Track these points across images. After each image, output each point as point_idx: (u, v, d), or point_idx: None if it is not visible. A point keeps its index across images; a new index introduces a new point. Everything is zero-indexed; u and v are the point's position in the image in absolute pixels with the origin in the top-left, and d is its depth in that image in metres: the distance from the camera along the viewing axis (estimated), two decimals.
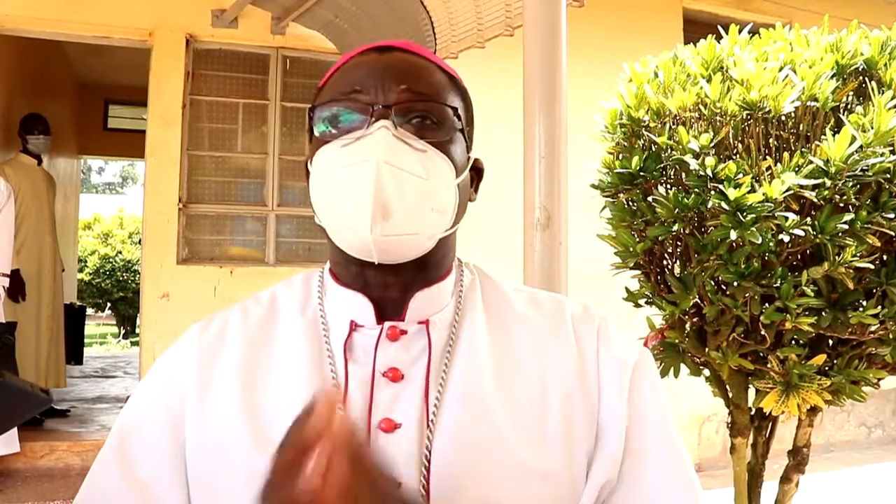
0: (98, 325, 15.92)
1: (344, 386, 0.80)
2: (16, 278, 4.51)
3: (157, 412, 0.84)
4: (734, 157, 2.18)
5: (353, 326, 0.83)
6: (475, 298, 0.89)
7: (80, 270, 12.82)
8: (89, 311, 12.56)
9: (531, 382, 0.82)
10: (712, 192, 2.08)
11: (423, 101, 0.81)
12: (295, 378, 0.81)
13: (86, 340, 9.35)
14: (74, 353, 7.52)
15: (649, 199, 2.29)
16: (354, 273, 0.84)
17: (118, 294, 13.96)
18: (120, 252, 14.14)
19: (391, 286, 0.83)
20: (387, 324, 0.82)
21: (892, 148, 2.00)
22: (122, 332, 14.32)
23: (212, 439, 0.80)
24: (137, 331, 10.49)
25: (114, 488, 0.81)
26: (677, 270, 2.36)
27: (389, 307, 0.84)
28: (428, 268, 0.84)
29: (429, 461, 0.75)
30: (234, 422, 0.80)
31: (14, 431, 4.17)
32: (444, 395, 0.79)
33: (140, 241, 6.98)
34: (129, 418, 0.85)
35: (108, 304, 14.51)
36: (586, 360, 0.84)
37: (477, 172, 0.91)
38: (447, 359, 0.81)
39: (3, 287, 4.27)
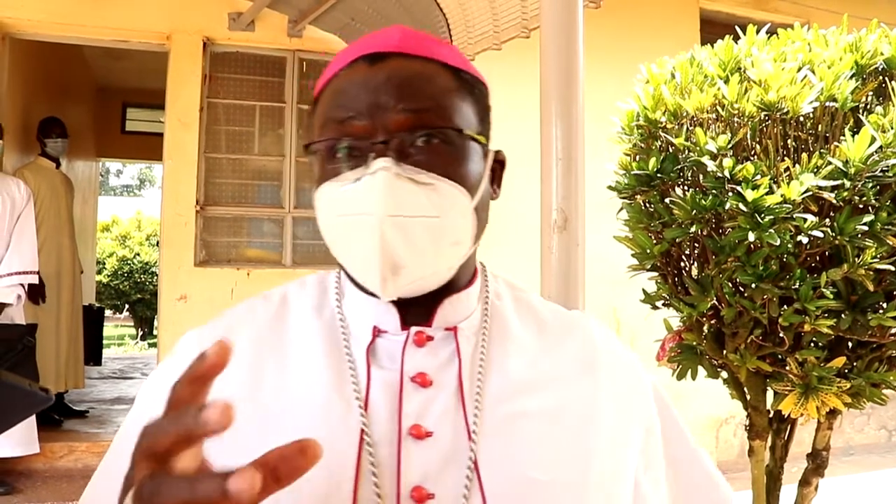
0: (116, 326, 16.05)
1: (365, 392, 0.76)
2: None
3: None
4: (752, 159, 2.17)
5: (377, 332, 0.80)
6: (504, 305, 0.86)
7: (99, 272, 12.93)
8: (107, 312, 12.67)
9: (574, 397, 0.81)
10: (730, 194, 2.07)
11: (426, 123, 0.74)
12: (311, 383, 0.77)
13: (104, 342, 9.43)
14: (93, 354, 7.58)
15: (666, 200, 2.29)
16: None
17: (136, 296, 14.08)
18: (138, 254, 14.25)
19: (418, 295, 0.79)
20: (413, 329, 0.79)
21: None
22: (140, 333, 14.45)
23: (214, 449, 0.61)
24: (155, 332, 10.57)
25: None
26: (695, 272, 2.35)
27: (414, 314, 0.80)
28: (454, 276, 0.81)
29: (477, 471, 0.72)
30: (242, 430, 0.61)
31: (33, 432, 4.22)
32: (482, 403, 0.76)
33: (158, 243, 7.01)
34: (115, 453, 0.83)
35: (126, 306, 14.64)
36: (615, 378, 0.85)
37: (500, 164, 0.85)
38: (481, 366, 0.79)
39: (23, 286, 4.31)
